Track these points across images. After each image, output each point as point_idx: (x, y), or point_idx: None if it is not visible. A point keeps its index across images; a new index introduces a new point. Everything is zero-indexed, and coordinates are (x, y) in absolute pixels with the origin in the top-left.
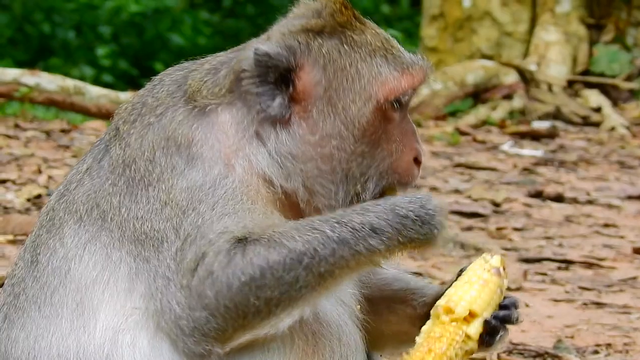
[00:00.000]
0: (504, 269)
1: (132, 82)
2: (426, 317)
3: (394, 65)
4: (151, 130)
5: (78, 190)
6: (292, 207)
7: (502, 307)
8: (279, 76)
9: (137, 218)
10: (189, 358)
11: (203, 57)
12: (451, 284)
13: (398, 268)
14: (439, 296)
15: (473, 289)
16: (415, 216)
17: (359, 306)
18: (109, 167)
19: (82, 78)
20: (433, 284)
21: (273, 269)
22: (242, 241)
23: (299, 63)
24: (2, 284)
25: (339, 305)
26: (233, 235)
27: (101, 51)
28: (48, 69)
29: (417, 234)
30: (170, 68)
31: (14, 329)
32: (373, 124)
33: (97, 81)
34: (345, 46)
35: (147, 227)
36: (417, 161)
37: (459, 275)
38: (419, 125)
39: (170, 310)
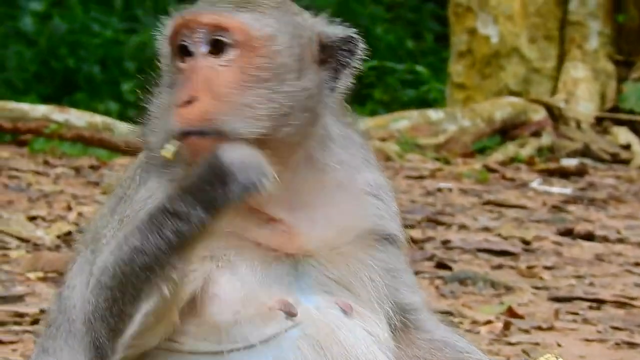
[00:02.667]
0: None
1: None
2: None
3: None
4: (144, 152)
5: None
6: None
7: None
8: None
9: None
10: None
11: None
12: None
13: (444, 325)
14: None
15: None
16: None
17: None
18: None
19: (107, 113)
20: (480, 353)
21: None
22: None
23: None
24: (37, 320)
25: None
26: None
27: (126, 86)
28: (73, 103)
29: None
30: None
31: (49, 358)
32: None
33: (122, 116)
34: None
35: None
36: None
37: None
38: (447, 162)
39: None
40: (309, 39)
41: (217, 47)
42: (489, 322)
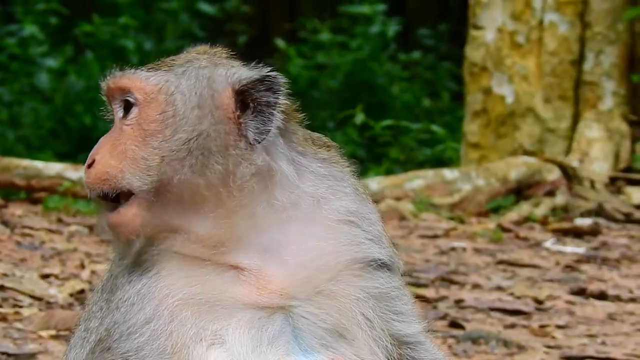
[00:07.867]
0: None
1: None
2: None
3: None
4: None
5: None
6: None
7: None
8: None
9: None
10: None
11: None
12: None
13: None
14: None
15: None
16: None
17: None
18: None
19: None
20: None
21: None
22: None
23: None
24: None
25: None
26: None
27: None
28: None
29: None
30: None
31: None
32: None
33: None
34: None
35: (87, 324)
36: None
37: None
38: (461, 221)
39: None
40: (209, 87)
41: (126, 109)
42: None
